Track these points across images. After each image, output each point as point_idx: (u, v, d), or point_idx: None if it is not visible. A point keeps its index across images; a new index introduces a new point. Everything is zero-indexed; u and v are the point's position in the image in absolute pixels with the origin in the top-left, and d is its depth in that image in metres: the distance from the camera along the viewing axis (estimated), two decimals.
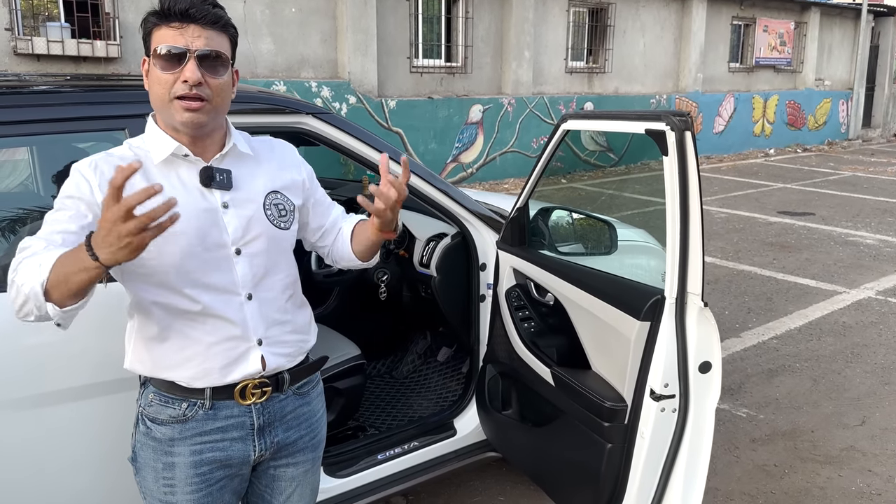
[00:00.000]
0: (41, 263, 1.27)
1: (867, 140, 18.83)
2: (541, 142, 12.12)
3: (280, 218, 1.57)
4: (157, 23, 1.44)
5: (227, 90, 1.50)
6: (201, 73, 1.41)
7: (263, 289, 1.54)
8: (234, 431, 1.54)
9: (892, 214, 9.07)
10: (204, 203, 1.49)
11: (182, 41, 1.41)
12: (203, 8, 1.43)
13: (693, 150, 1.61)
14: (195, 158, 1.50)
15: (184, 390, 1.51)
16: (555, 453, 2.23)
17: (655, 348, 1.80)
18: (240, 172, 1.55)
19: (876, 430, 3.62)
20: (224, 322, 1.49)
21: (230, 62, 1.50)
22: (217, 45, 1.45)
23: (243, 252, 1.51)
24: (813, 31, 17.16)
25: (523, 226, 2.46)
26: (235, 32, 1.52)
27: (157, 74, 1.43)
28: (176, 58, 1.41)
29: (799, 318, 5.27)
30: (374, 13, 9.81)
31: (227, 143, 1.54)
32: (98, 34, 7.82)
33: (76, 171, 1.45)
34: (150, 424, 1.54)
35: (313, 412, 1.69)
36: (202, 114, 1.44)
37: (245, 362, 1.52)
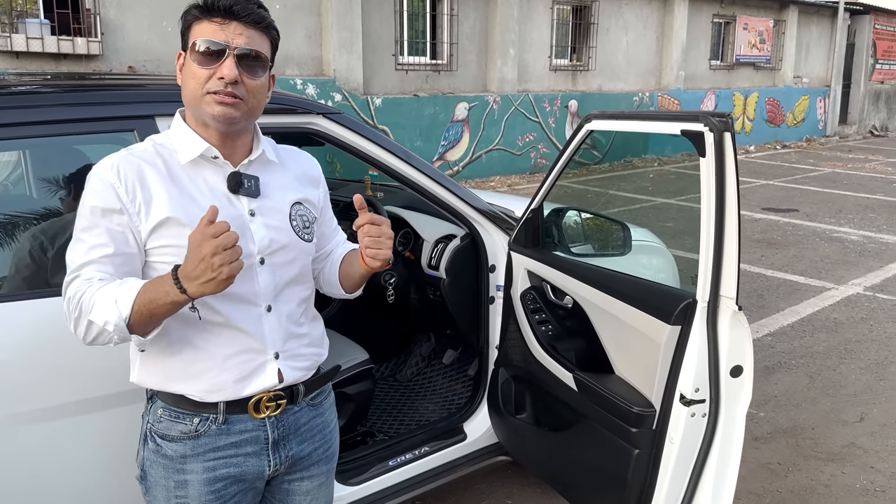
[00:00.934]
0: (117, 300, 1.29)
1: (844, 137, 19.10)
2: (527, 139, 12.12)
3: (304, 230, 1.54)
4: (198, 16, 1.40)
5: (263, 92, 1.46)
6: (238, 72, 1.37)
7: (283, 301, 1.50)
8: (249, 446, 1.49)
9: (874, 210, 9.19)
10: (230, 209, 1.44)
11: (223, 37, 1.37)
12: (247, 6, 1.39)
13: (732, 152, 1.59)
14: (224, 162, 1.45)
15: (195, 405, 1.45)
16: (576, 458, 2.20)
17: (686, 353, 1.77)
18: (267, 180, 1.51)
19: (875, 426, 3.64)
20: (241, 334, 1.45)
21: (269, 64, 1.46)
22: (258, 45, 1.41)
23: (267, 262, 1.47)
24: (791, 29, 17.37)
25: (537, 227, 2.43)
26: (277, 35, 1.48)
27: (193, 69, 1.38)
28: (215, 54, 1.37)
29: (791, 314, 5.31)
30: (359, 10, 9.73)
31: (256, 149, 1.50)
32: (79, 31, 7.66)
33: (97, 179, 1.38)
34: (159, 441, 1.47)
35: (326, 423, 1.65)
36: (235, 109, 1.39)
37: (261, 375, 1.47)
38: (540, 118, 12.26)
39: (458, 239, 2.73)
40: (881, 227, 8.22)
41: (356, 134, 2.30)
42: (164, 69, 8.29)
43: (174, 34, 8.37)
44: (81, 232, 1.38)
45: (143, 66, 8.17)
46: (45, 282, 1.88)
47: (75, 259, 1.37)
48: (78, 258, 1.37)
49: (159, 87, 2.24)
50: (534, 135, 12.21)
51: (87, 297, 1.32)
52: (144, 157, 1.43)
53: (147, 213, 1.38)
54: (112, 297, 1.30)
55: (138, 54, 8.15)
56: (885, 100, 20.79)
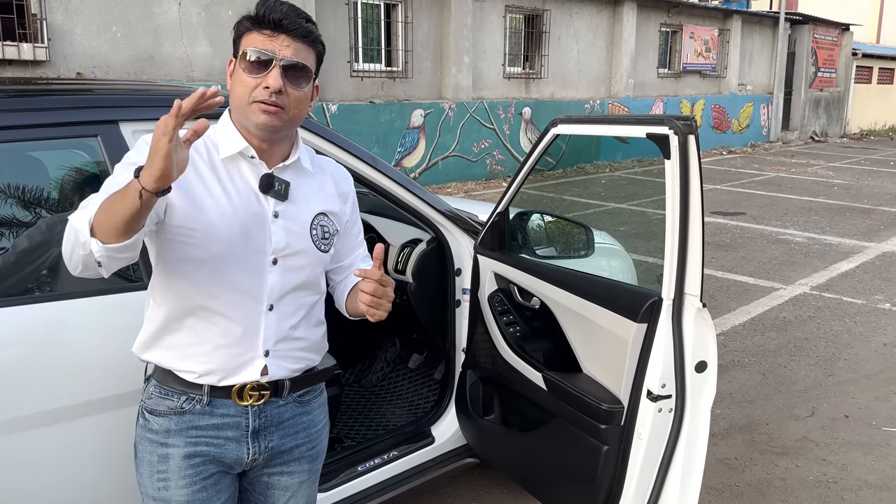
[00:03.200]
0: (91, 205, 1.32)
1: (787, 142, 19.74)
2: (482, 146, 12.22)
3: (322, 240, 1.59)
4: (249, 27, 1.47)
5: (305, 103, 1.52)
6: (283, 82, 1.44)
7: (286, 303, 1.55)
8: (229, 431, 1.54)
9: (817, 213, 9.52)
10: (256, 207, 1.51)
11: (271, 48, 1.44)
12: (296, 21, 1.46)
13: (696, 154, 1.65)
14: (259, 162, 1.52)
15: (184, 384, 1.52)
16: (546, 457, 2.23)
17: (652, 349, 1.82)
18: (297, 186, 1.57)
19: (825, 420, 3.78)
20: (238, 327, 1.50)
21: (313, 76, 1.51)
22: (303, 57, 1.47)
23: (280, 263, 1.53)
24: (735, 37, 17.90)
25: (504, 230, 2.46)
26: (323, 49, 1.54)
27: (242, 77, 1.46)
28: (263, 64, 1.44)
29: (742, 314, 5.47)
30: (312, 16, 9.68)
31: (293, 155, 1.56)
32: (24, 36, 7.45)
33: (143, 142, 1.46)
34: (148, 416, 1.55)
35: (314, 422, 1.67)
36: (277, 119, 1.45)
37: (247, 369, 1.53)
38: (495, 125, 12.38)
39: (425, 243, 2.74)
40: (824, 229, 8.52)
41: (322, 139, 2.30)
42: (113, 75, 8.12)
43: (124, 40, 8.22)
44: (111, 178, 1.41)
45: (91, 73, 7.98)
46: None
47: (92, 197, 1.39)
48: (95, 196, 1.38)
49: (123, 92, 2.21)
50: (489, 141, 12.31)
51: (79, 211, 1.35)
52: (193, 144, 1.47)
53: (181, 189, 1.43)
54: (88, 205, 1.34)
55: (87, 60, 7.97)
56: (824, 107, 21.57)
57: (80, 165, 2.06)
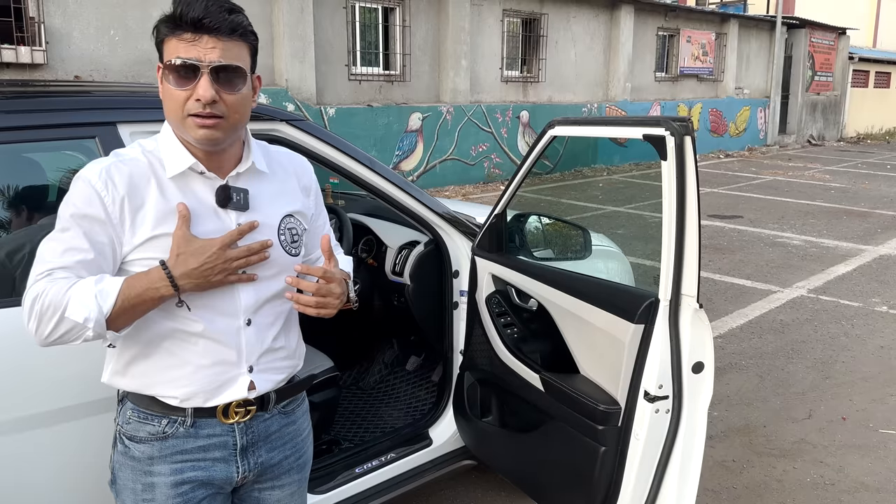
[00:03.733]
0: (97, 295, 1.27)
1: (784, 146, 19.78)
2: (480, 149, 12.23)
3: (292, 244, 1.51)
4: (168, 33, 1.33)
5: (246, 104, 1.40)
6: (216, 90, 1.31)
7: (263, 314, 1.48)
8: (217, 451, 1.47)
9: (814, 216, 9.54)
10: (218, 223, 1.41)
11: (194, 53, 1.30)
12: (218, 17, 1.30)
13: (692, 155, 1.66)
14: (212, 175, 1.41)
15: (164, 407, 1.43)
16: (543, 458, 2.24)
17: (650, 350, 1.83)
18: (257, 192, 1.47)
19: (822, 422, 3.78)
20: (218, 345, 1.43)
21: (249, 74, 1.39)
22: (234, 56, 1.34)
23: None
24: (732, 41, 17.94)
25: (502, 232, 2.46)
26: (256, 39, 1.41)
27: (169, 90, 1.33)
28: (189, 71, 1.31)
29: (739, 317, 5.47)
30: (311, 20, 9.71)
31: (246, 160, 1.46)
32: (22, 39, 7.45)
33: (85, 183, 1.34)
34: (128, 443, 1.45)
35: (299, 431, 1.62)
36: (217, 131, 1.34)
37: (232, 387, 1.46)
38: (492, 128, 12.40)
39: (422, 245, 2.75)
40: (821, 232, 8.54)
41: (320, 141, 2.30)
42: (111, 78, 8.12)
43: (122, 43, 8.22)
44: (59, 232, 1.34)
45: (89, 76, 7.98)
46: None
47: (47, 258, 1.32)
48: (51, 258, 1.32)
49: (120, 94, 2.21)
50: (487, 145, 12.33)
51: (58, 294, 1.27)
52: (134, 166, 1.38)
53: (133, 227, 1.36)
54: (91, 293, 1.27)
55: (85, 63, 7.97)
56: (821, 110, 21.62)
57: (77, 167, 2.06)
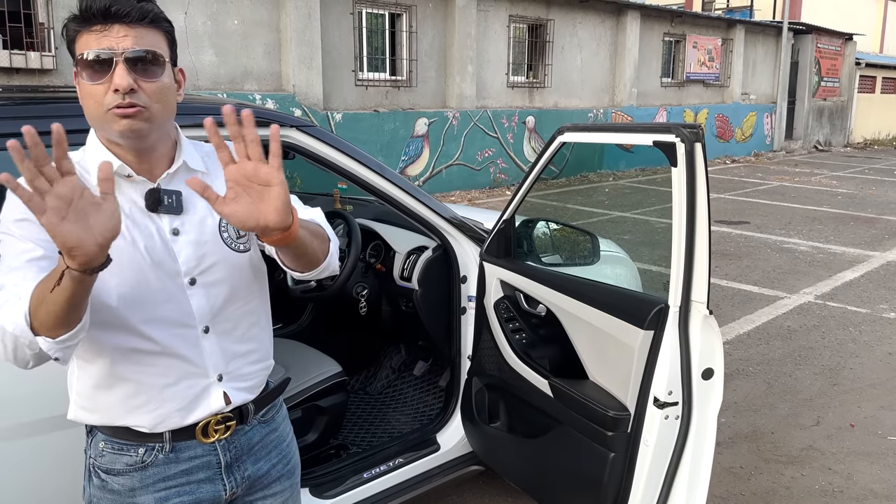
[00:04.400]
0: (20, 296, 1.13)
1: (790, 151, 19.75)
2: (486, 155, 12.25)
3: (238, 240, 1.39)
4: (77, 29, 1.25)
5: (169, 94, 1.30)
6: (133, 79, 1.23)
7: (222, 319, 1.38)
8: (200, 472, 1.40)
9: (821, 222, 9.51)
10: (151, 229, 1.32)
11: (106, 43, 1.22)
12: (127, 3, 1.23)
13: (703, 162, 1.66)
14: (140, 179, 1.32)
15: (139, 435, 1.35)
16: (552, 464, 2.23)
17: (659, 357, 1.83)
18: (191, 192, 1.35)
19: (831, 429, 3.77)
20: (178, 360, 1.34)
21: (167, 62, 1.30)
22: (149, 43, 1.26)
23: (199, 282, 1.35)
24: (738, 47, 17.94)
25: (510, 237, 2.47)
26: (170, 27, 1.33)
27: (86, 87, 1.24)
28: (102, 65, 1.23)
29: (746, 323, 5.46)
30: (318, 26, 9.75)
31: (177, 160, 1.36)
32: (31, 45, 7.50)
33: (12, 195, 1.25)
34: (104, 477, 1.37)
35: (282, 437, 1.55)
36: (140, 120, 1.24)
37: (206, 401, 1.38)
38: (498, 134, 12.42)
39: (431, 250, 2.75)
40: (829, 238, 8.52)
41: (331, 147, 2.31)
42: None
43: None
44: (4, 245, 1.24)
45: None
46: None
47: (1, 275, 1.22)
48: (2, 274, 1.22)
49: None
50: (493, 150, 12.35)
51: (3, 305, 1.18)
52: None
53: None
54: (16, 294, 1.15)
55: None
56: (827, 116, 21.59)
57: None
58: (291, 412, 2.43)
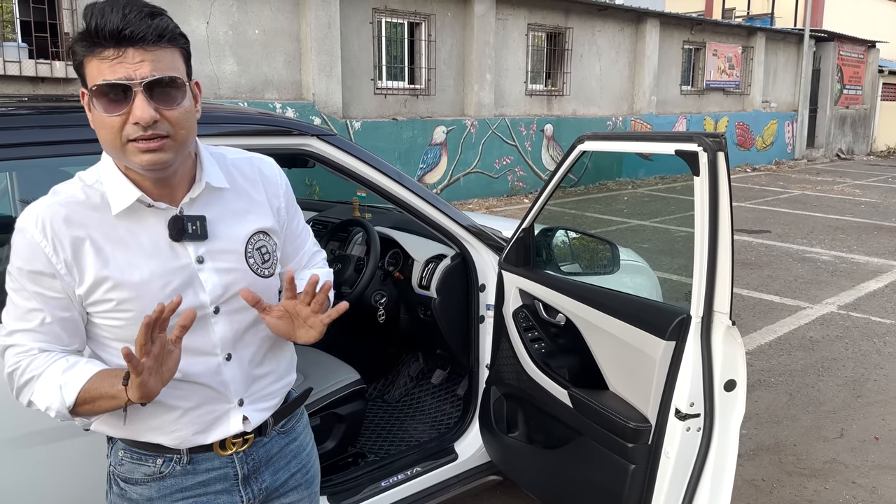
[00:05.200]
0: (62, 386, 1.20)
1: (812, 160, 19.55)
2: (504, 163, 12.25)
3: (263, 265, 1.37)
4: (86, 53, 1.14)
5: (190, 117, 1.22)
6: (154, 108, 1.15)
7: (245, 345, 1.37)
8: (218, 484, 1.39)
9: (844, 231, 9.39)
10: (175, 260, 1.27)
11: (122, 72, 1.12)
12: (140, 24, 1.12)
13: (725, 171, 1.64)
14: (162, 206, 1.27)
15: (157, 446, 1.35)
16: (571, 475, 2.21)
17: (681, 368, 1.81)
18: (216, 215, 1.32)
19: (855, 442, 3.71)
20: (200, 387, 1.33)
21: (186, 82, 1.22)
22: (167, 66, 1.16)
23: (223, 310, 1.32)
24: (759, 55, 17.81)
25: (529, 246, 2.46)
26: (186, 42, 1.23)
27: (101, 117, 1.15)
28: (119, 93, 1.13)
29: (768, 333, 5.39)
30: (338, 35, 9.81)
31: (199, 181, 1.30)
32: (56, 54, 7.62)
33: (22, 235, 1.22)
34: (123, 485, 1.37)
35: (301, 446, 1.54)
36: (165, 153, 1.18)
37: (225, 424, 1.37)
38: (516, 142, 12.41)
39: (449, 259, 2.75)
40: (852, 248, 8.41)
41: (350, 155, 2.32)
42: None
43: None
44: (13, 293, 1.25)
45: None
46: None
47: (9, 322, 1.26)
48: (12, 322, 1.25)
49: None
50: (511, 158, 12.34)
51: (31, 375, 1.23)
52: (74, 206, 1.24)
53: (80, 273, 1.23)
54: (57, 383, 1.20)
55: None
56: (850, 124, 21.35)
57: None
58: (310, 419, 2.45)
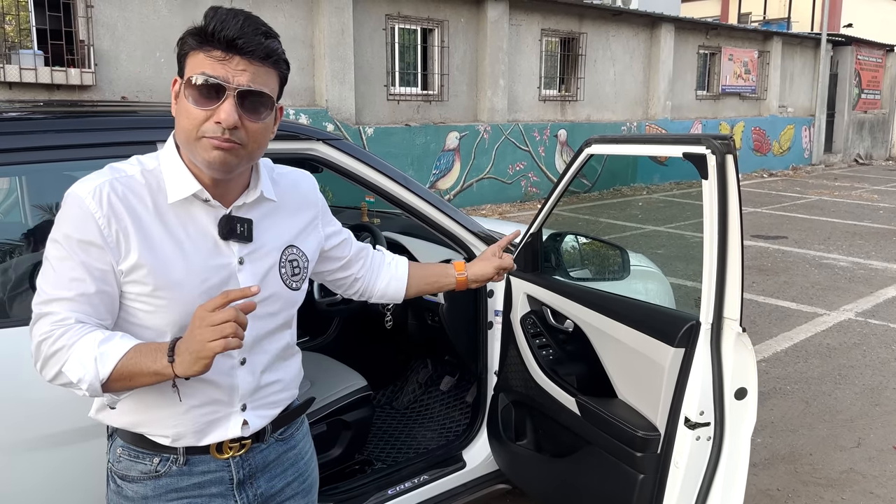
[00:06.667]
0: (97, 358, 1.18)
1: (829, 165, 19.35)
2: (517, 168, 12.22)
3: (293, 277, 1.41)
4: (195, 47, 1.22)
5: (267, 134, 1.29)
6: (239, 115, 1.20)
7: (260, 351, 1.39)
8: (213, 487, 1.39)
9: (862, 237, 9.27)
10: (218, 257, 1.31)
11: (222, 72, 1.20)
12: (254, 39, 1.20)
13: (735, 174, 1.61)
14: (215, 203, 1.31)
15: (154, 445, 1.36)
16: (580, 484, 2.18)
17: (690, 375, 1.77)
18: (261, 220, 1.37)
19: (872, 451, 3.64)
20: (210, 386, 1.33)
21: (275, 102, 1.28)
22: (263, 82, 1.23)
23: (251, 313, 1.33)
24: (775, 59, 17.68)
25: (537, 251, 2.43)
26: (288, 68, 1.31)
27: (187, 107, 1.22)
28: (213, 90, 1.20)
29: (784, 340, 5.32)
30: (351, 42, 9.84)
31: (254, 188, 1.36)
32: (72, 62, 7.69)
33: (76, 205, 1.23)
34: (120, 482, 1.38)
35: (300, 455, 1.53)
36: (233, 155, 1.23)
37: (224, 426, 1.37)
38: (530, 147, 12.37)
39: None
40: (869, 254, 8.29)
41: (356, 160, 2.30)
42: (156, 99, 8.32)
43: (167, 65, 8.42)
44: (56, 261, 1.23)
45: (136, 97, 8.20)
46: None
47: (47, 290, 1.23)
48: (50, 290, 1.23)
49: (159, 114, 2.24)
50: (524, 163, 12.31)
51: (63, 344, 1.20)
52: (132, 186, 1.28)
53: (126, 251, 1.25)
54: (92, 354, 1.18)
55: (131, 85, 8.19)
56: (868, 129, 21.12)
57: None
58: (315, 426, 2.43)
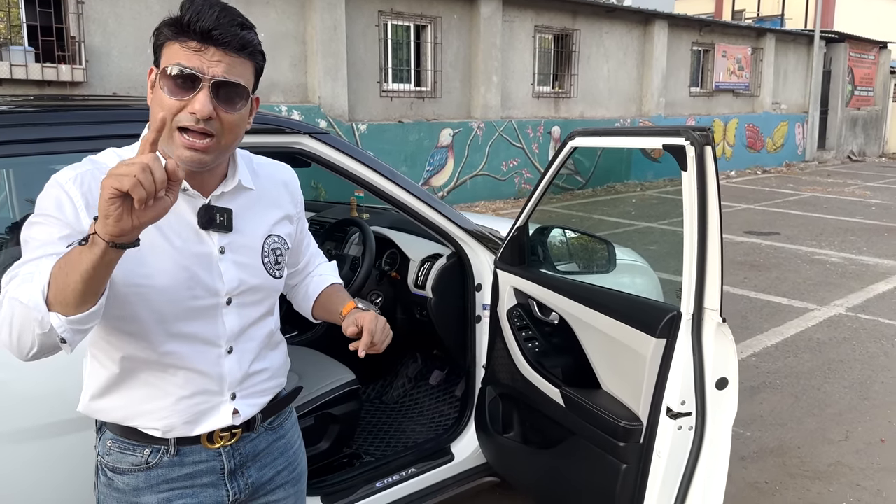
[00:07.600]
0: (35, 274, 1.10)
1: (823, 162, 19.41)
2: (511, 165, 12.22)
3: (276, 266, 1.43)
4: (171, 37, 1.22)
5: (242, 125, 1.29)
6: (214, 106, 1.21)
7: (245, 340, 1.40)
8: (204, 477, 1.41)
9: (854, 233, 9.31)
10: (199, 246, 1.31)
11: (197, 63, 1.19)
12: (229, 30, 1.20)
13: (713, 166, 1.62)
14: (194, 193, 1.31)
15: (145, 437, 1.36)
16: (565, 475, 2.19)
17: (672, 365, 1.78)
18: (241, 210, 1.38)
19: (860, 444, 3.66)
20: (198, 376, 1.34)
21: (250, 93, 1.28)
22: (239, 73, 1.23)
23: (234, 302, 1.36)
24: (769, 56, 17.71)
25: (523, 245, 2.44)
26: (263, 60, 1.31)
27: (162, 97, 1.21)
28: (188, 81, 1.20)
29: (774, 335, 5.34)
30: (343, 38, 9.83)
31: (231, 177, 1.36)
32: (63, 58, 7.67)
33: (57, 185, 1.22)
34: (110, 475, 1.38)
35: (289, 444, 1.55)
36: (206, 154, 1.23)
37: (215, 415, 1.38)
38: (523, 144, 12.38)
39: (445, 258, 2.73)
40: (861, 250, 8.33)
41: (343, 153, 2.31)
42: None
43: None
44: (30, 230, 1.20)
45: (127, 93, 8.17)
46: None
47: (19, 263, 1.19)
48: (22, 260, 1.18)
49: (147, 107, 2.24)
50: (518, 160, 12.31)
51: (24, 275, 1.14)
52: None
53: None
54: (29, 271, 1.12)
55: (123, 81, 8.17)
56: (861, 125, 21.19)
57: None
58: (304, 419, 2.44)
